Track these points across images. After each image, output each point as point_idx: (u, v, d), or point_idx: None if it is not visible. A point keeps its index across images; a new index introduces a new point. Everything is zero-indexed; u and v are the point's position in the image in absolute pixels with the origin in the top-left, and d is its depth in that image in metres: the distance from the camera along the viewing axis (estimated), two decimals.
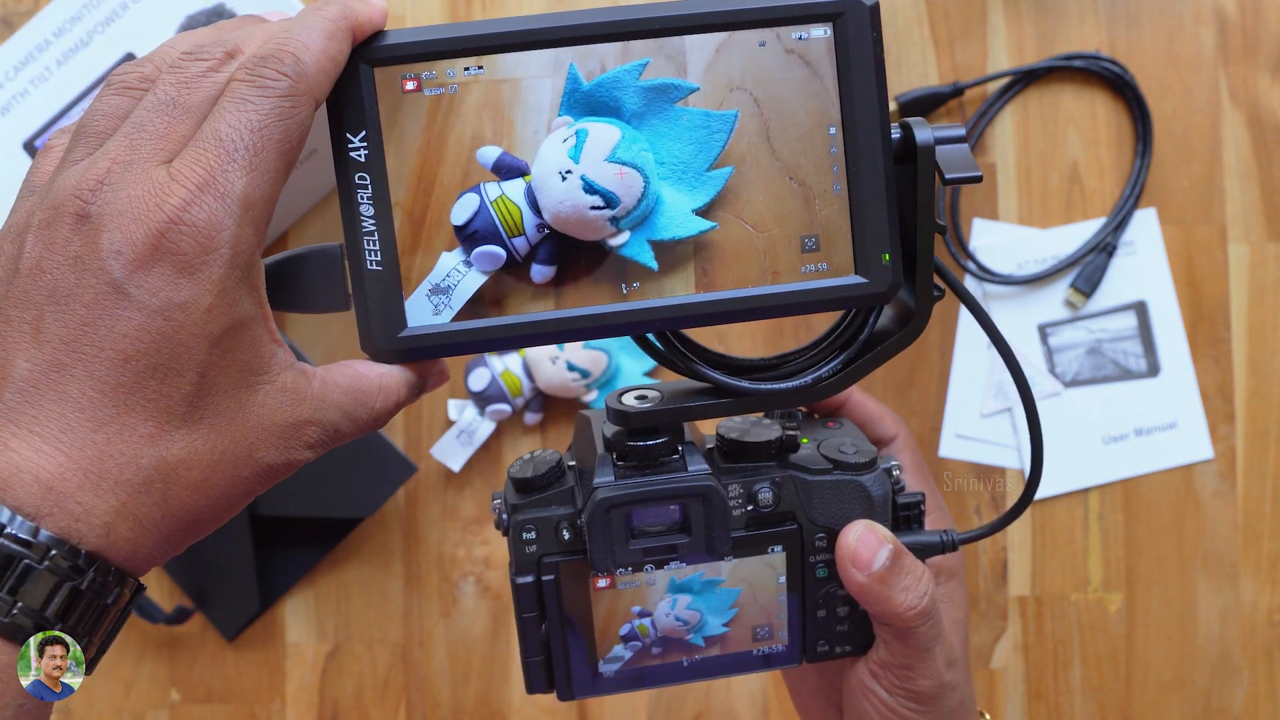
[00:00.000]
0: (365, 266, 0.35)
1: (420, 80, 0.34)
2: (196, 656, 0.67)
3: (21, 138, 0.59)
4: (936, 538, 0.42)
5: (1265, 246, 0.67)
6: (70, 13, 0.60)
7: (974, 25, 0.68)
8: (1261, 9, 0.67)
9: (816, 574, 0.42)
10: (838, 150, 0.36)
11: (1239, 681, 0.66)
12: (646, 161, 0.36)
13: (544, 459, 0.41)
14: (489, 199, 0.35)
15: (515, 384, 0.65)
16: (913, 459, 0.48)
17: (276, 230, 0.68)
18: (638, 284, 0.36)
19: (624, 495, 0.38)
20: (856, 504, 0.41)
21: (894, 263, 0.36)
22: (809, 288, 0.36)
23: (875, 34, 0.35)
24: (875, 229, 0.36)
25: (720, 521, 0.39)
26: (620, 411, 0.39)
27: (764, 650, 0.44)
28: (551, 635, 0.41)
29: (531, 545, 0.40)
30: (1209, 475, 0.66)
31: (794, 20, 0.35)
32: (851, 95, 0.35)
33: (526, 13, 0.68)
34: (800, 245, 0.36)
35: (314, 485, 0.65)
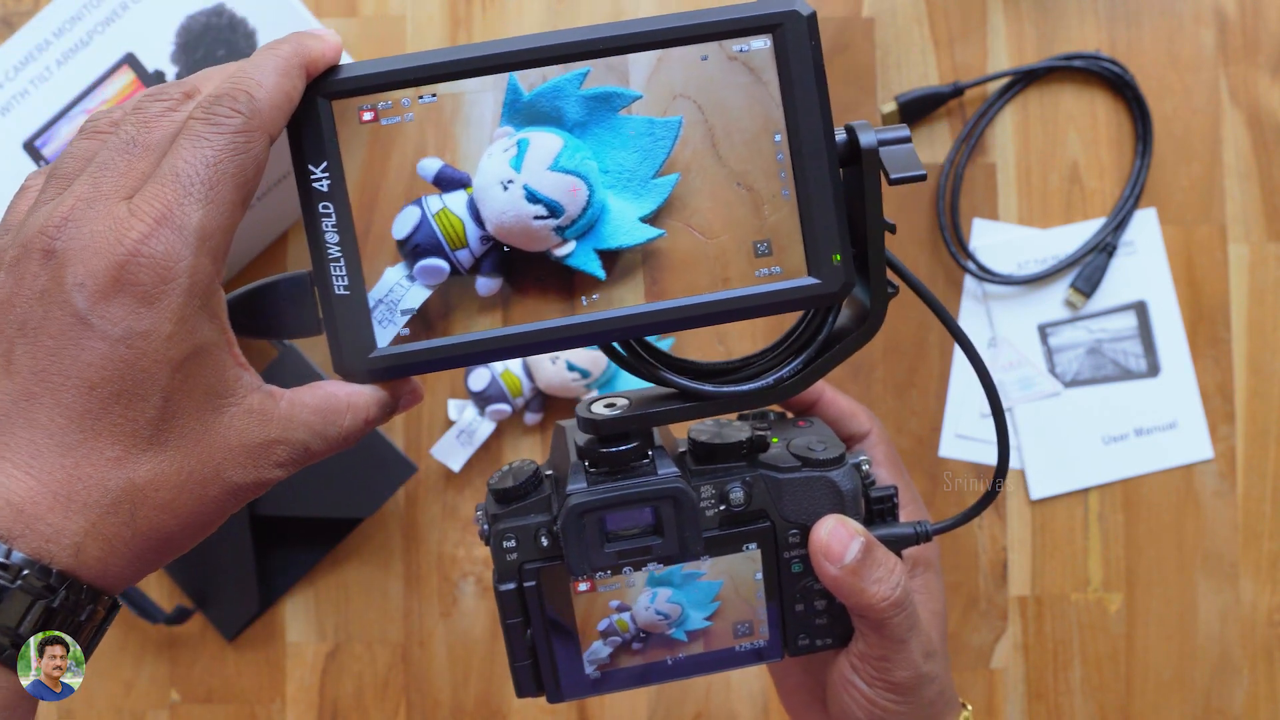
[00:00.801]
0: (333, 291, 0.36)
1: (377, 110, 0.35)
2: (196, 656, 0.67)
3: (21, 138, 0.59)
4: (910, 529, 0.43)
5: (1265, 246, 0.67)
6: (70, 13, 0.60)
7: (974, 25, 0.68)
8: (1261, 9, 0.67)
9: (792, 569, 0.43)
10: (784, 156, 0.36)
11: (1239, 681, 0.66)
12: (590, 170, 0.36)
13: (522, 469, 0.42)
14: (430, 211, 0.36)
15: (515, 384, 0.65)
16: (886, 453, 0.49)
17: (261, 244, 0.68)
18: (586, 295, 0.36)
19: (596, 500, 0.39)
20: (826, 499, 0.42)
21: (844, 263, 0.37)
22: (763, 291, 0.37)
23: (814, 42, 0.36)
24: (824, 231, 0.36)
25: (691, 522, 0.40)
26: (590, 420, 0.40)
27: (746, 646, 0.44)
28: (537, 640, 0.42)
29: (512, 553, 0.41)
30: (1209, 475, 0.66)
31: (734, 33, 0.36)
32: (794, 102, 0.36)
33: (527, 13, 0.69)
34: (753, 250, 0.37)
35: (314, 485, 0.65)
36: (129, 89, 0.59)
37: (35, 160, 0.59)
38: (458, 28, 0.69)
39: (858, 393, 0.67)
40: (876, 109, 0.68)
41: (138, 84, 0.59)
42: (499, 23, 0.69)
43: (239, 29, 0.59)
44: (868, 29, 0.68)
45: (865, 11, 0.68)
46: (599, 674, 0.43)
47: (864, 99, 0.68)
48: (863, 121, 0.37)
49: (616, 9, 0.69)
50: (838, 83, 0.68)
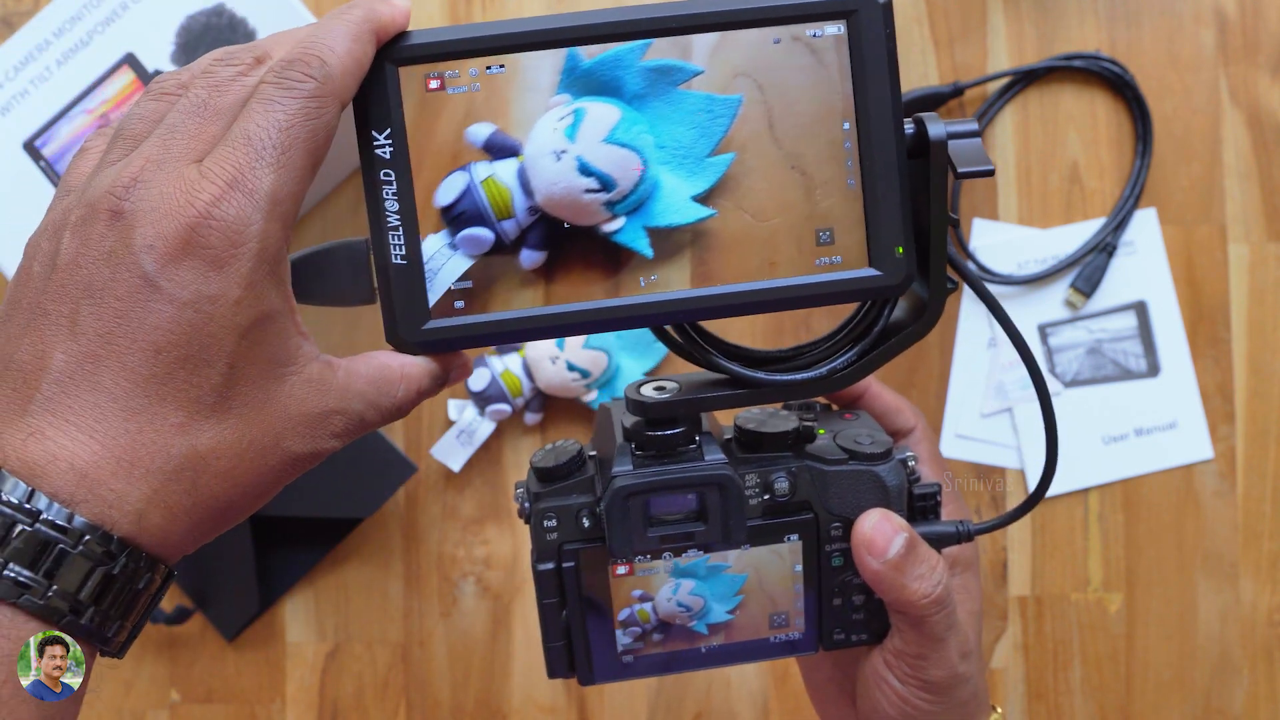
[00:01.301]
0: (390, 260, 0.35)
1: (444, 79, 0.34)
2: (196, 656, 0.67)
3: (21, 138, 0.59)
4: (952, 528, 0.43)
5: (1265, 246, 0.67)
6: (70, 13, 0.60)
7: (974, 25, 0.68)
8: (1261, 9, 0.67)
9: (832, 562, 0.43)
10: (851, 145, 0.36)
11: (1239, 681, 0.66)
12: (646, 144, 0.35)
13: (565, 449, 0.42)
14: (477, 179, 0.35)
15: (515, 384, 0.65)
16: (930, 451, 0.48)
17: None
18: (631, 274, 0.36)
19: (641, 484, 0.39)
20: (871, 494, 0.42)
21: (908, 255, 0.36)
22: (823, 280, 0.36)
23: (889, 30, 0.35)
24: (889, 222, 0.36)
25: (736, 510, 0.40)
26: (639, 402, 0.40)
27: (781, 638, 0.44)
28: (572, 621, 0.42)
29: (552, 533, 0.41)
30: (1209, 475, 0.66)
31: (808, 18, 0.35)
32: (865, 91, 0.35)
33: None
34: (815, 238, 0.36)
35: (314, 485, 0.65)
36: (129, 89, 0.59)
37: (35, 160, 0.59)
38: None
39: None
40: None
41: (138, 84, 0.59)
42: None
43: (239, 29, 0.59)
44: None
45: None
46: (632, 658, 0.43)
47: None
48: (931, 114, 0.37)
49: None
50: None
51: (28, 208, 0.59)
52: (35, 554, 0.30)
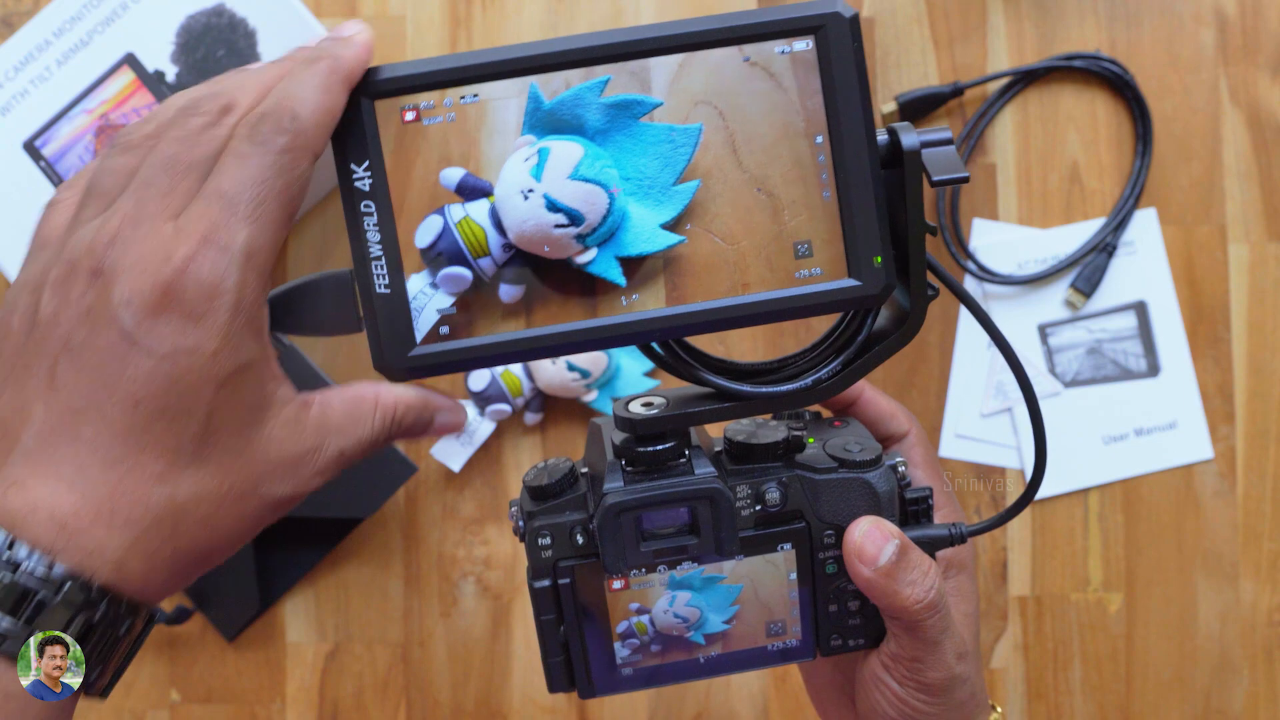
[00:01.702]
0: (374, 290, 0.36)
1: (419, 110, 0.35)
2: (196, 656, 0.67)
3: (21, 138, 0.59)
4: (945, 531, 0.43)
5: (1265, 246, 0.67)
6: (70, 13, 0.60)
7: (974, 25, 0.68)
8: (1261, 9, 0.67)
9: (826, 570, 0.43)
10: (826, 158, 0.36)
11: (1239, 681, 0.66)
12: (611, 178, 0.36)
13: (558, 467, 0.42)
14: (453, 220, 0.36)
15: (515, 384, 0.65)
16: (924, 455, 0.49)
17: None
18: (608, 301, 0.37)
19: (633, 500, 0.39)
20: (862, 500, 0.42)
21: (885, 264, 0.37)
22: (804, 292, 0.37)
23: (856, 44, 0.36)
24: (865, 232, 0.36)
25: (728, 522, 0.40)
26: (627, 419, 0.40)
27: (779, 645, 0.44)
28: (569, 636, 0.43)
29: (547, 550, 0.41)
30: (1209, 475, 0.66)
31: (776, 35, 0.35)
32: (837, 104, 0.36)
33: (527, 15, 0.69)
34: (794, 251, 0.37)
35: None
36: (129, 89, 0.59)
37: (35, 160, 0.59)
38: (458, 27, 0.69)
39: None
40: (877, 109, 0.68)
41: (137, 84, 0.59)
42: (499, 23, 0.69)
43: (239, 29, 0.59)
44: (868, 29, 0.68)
45: (865, 11, 0.68)
46: (631, 671, 0.44)
47: None
48: (905, 124, 0.37)
49: (615, 8, 0.69)
50: None
51: (28, 208, 0.59)
52: (16, 602, 0.31)
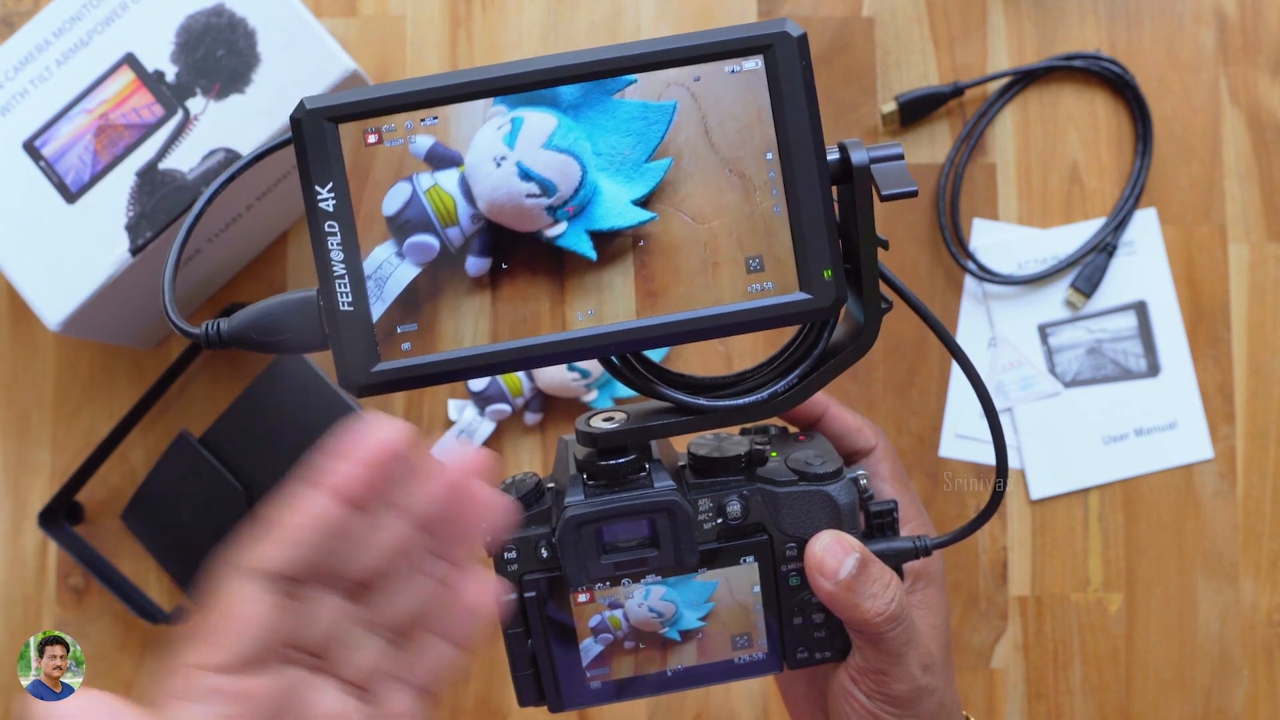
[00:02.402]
0: (338, 308, 0.36)
1: (381, 133, 0.36)
2: None
3: (21, 138, 0.59)
4: (909, 543, 0.44)
5: (1265, 246, 0.67)
6: (70, 13, 0.60)
7: (974, 25, 0.68)
8: (1261, 9, 0.67)
9: (790, 582, 0.43)
10: (775, 174, 0.37)
11: (1239, 681, 0.66)
12: (584, 150, 0.36)
13: (524, 481, 0.43)
14: (421, 188, 0.36)
15: (515, 384, 0.65)
16: (891, 469, 0.49)
17: (275, 232, 0.68)
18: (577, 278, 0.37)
19: (591, 513, 0.40)
20: (823, 513, 0.42)
21: (836, 278, 0.37)
22: (755, 306, 0.37)
23: (805, 62, 0.36)
24: (815, 247, 0.37)
25: (686, 534, 0.41)
26: (588, 434, 0.41)
27: (745, 658, 0.45)
28: (537, 649, 0.43)
29: (513, 564, 0.42)
30: (1209, 475, 0.66)
31: (725, 55, 0.36)
32: (785, 122, 0.36)
33: (527, 14, 0.69)
34: (745, 265, 0.37)
35: None
36: (129, 89, 0.59)
37: (35, 160, 0.59)
38: (458, 27, 0.69)
39: (858, 393, 0.67)
40: (876, 109, 0.68)
41: (137, 84, 0.59)
42: (499, 23, 0.69)
43: (239, 29, 0.59)
44: (868, 29, 0.68)
45: (865, 11, 0.68)
46: (600, 684, 0.44)
47: (864, 99, 0.68)
48: (855, 140, 0.38)
49: (615, 8, 0.69)
50: (838, 83, 0.68)
51: (28, 207, 0.59)
52: None
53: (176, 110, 0.59)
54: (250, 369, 0.68)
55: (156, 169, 0.59)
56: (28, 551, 0.68)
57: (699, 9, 0.69)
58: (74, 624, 0.67)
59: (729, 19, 0.68)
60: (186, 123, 0.59)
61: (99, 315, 0.60)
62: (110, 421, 0.68)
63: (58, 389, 0.69)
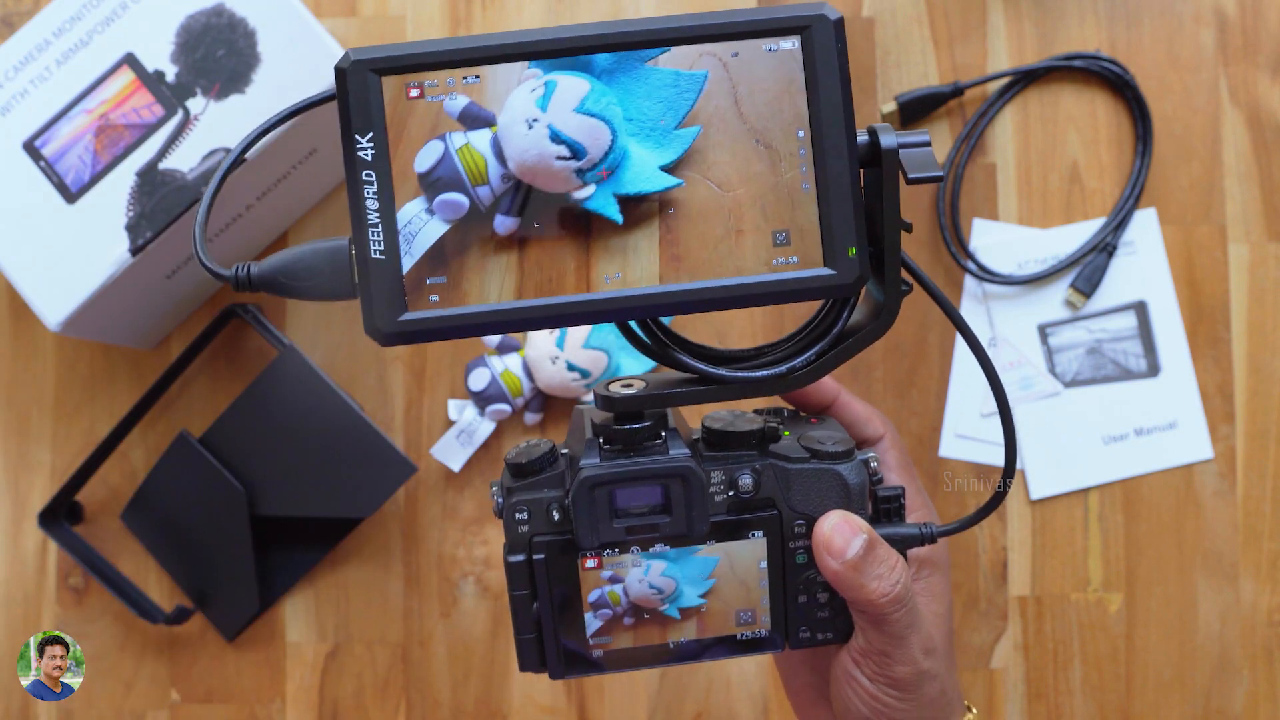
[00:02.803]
0: (369, 255, 0.37)
1: (424, 88, 0.36)
2: (196, 656, 0.67)
3: (21, 138, 0.59)
4: (915, 529, 0.44)
5: (1265, 246, 0.67)
6: (70, 13, 0.60)
7: (974, 25, 0.68)
8: (1261, 9, 0.67)
9: (796, 559, 0.44)
10: (806, 151, 0.37)
11: (1239, 681, 0.66)
12: (615, 115, 0.37)
13: (538, 445, 0.43)
14: (454, 146, 0.36)
15: (515, 384, 0.65)
16: (899, 458, 0.49)
17: (277, 230, 0.68)
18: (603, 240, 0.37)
19: (606, 474, 0.40)
20: (833, 492, 0.43)
21: (860, 256, 0.38)
22: (779, 278, 0.38)
23: (840, 45, 0.37)
24: (841, 224, 0.38)
25: (699, 502, 0.41)
26: (607, 398, 0.41)
27: (747, 635, 0.45)
28: (543, 614, 0.43)
29: (524, 525, 0.42)
30: (1209, 475, 0.66)
31: (763, 33, 0.37)
32: (819, 101, 0.37)
33: (527, 14, 0.69)
34: (772, 239, 0.38)
35: (314, 485, 0.65)
36: (129, 89, 0.59)
37: (35, 160, 0.59)
38: (458, 27, 0.69)
39: (858, 392, 0.67)
40: (876, 109, 0.68)
41: (137, 84, 0.59)
42: (499, 23, 0.69)
43: (239, 29, 0.59)
44: (868, 29, 0.68)
45: (865, 11, 0.68)
46: (601, 653, 0.44)
47: (864, 99, 0.68)
48: (884, 125, 0.39)
49: (615, 8, 0.69)
50: None
51: (28, 207, 0.59)
52: None
53: (176, 110, 0.59)
54: (250, 369, 0.68)
55: (156, 169, 0.59)
56: (28, 551, 0.68)
57: (698, 8, 0.69)
58: (74, 624, 0.67)
59: None
60: (186, 123, 0.59)
61: (99, 315, 0.60)
62: (110, 421, 0.68)
63: (58, 389, 0.69)
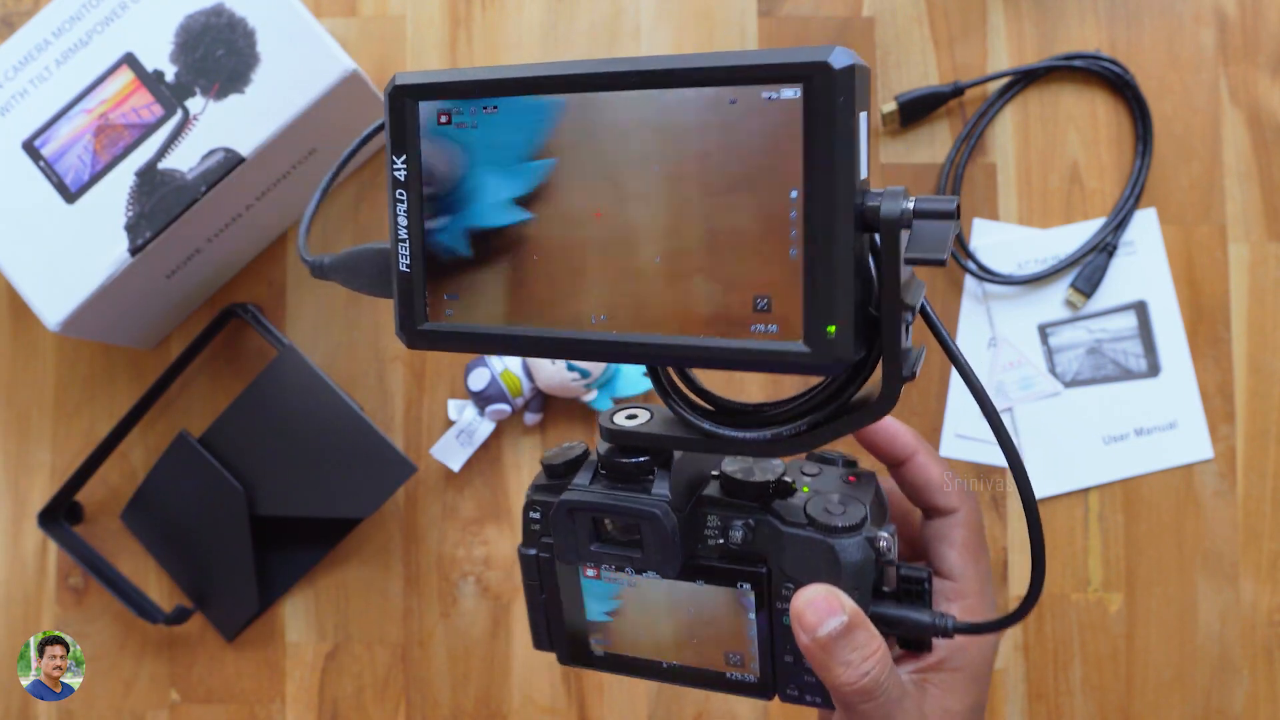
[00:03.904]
0: (398, 267, 0.39)
1: (450, 115, 0.38)
2: (196, 656, 0.67)
3: (21, 138, 0.59)
4: (928, 618, 0.41)
5: (1265, 246, 0.67)
6: (70, 13, 0.60)
7: (974, 25, 0.68)
8: (1261, 9, 0.67)
9: (784, 620, 0.42)
10: (797, 215, 0.34)
11: (1239, 681, 0.66)
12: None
13: (571, 449, 0.45)
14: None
15: (515, 384, 0.65)
16: (965, 538, 0.45)
17: (277, 230, 0.68)
18: None
19: (583, 501, 0.41)
20: (823, 565, 0.41)
21: (841, 335, 0.34)
22: (753, 347, 0.35)
23: (847, 98, 0.32)
24: (824, 299, 0.33)
25: (668, 546, 0.41)
26: (607, 429, 0.42)
27: (737, 676, 0.44)
28: (548, 605, 0.46)
29: (535, 524, 0.44)
30: (1209, 475, 0.66)
31: (766, 80, 0.33)
32: (816, 159, 0.33)
33: (526, 14, 0.69)
34: (753, 304, 0.35)
35: (314, 485, 0.65)
36: (128, 89, 0.59)
37: (34, 160, 0.59)
38: (457, 27, 0.69)
39: None
40: (877, 109, 0.68)
41: (137, 84, 0.59)
42: (499, 23, 0.69)
43: (238, 28, 0.59)
44: (868, 29, 0.68)
45: (865, 11, 0.68)
46: (603, 654, 0.46)
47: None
48: (898, 189, 0.34)
49: (615, 8, 0.69)
50: None
51: (27, 207, 0.59)
52: None
53: (176, 110, 0.59)
54: (250, 369, 0.68)
55: (156, 169, 0.59)
56: (28, 551, 0.68)
57: (699, 9, 0.69)
58: (74, 624, 0.67)
59: (728, 19, 0.68)
60: (186, 122, 0.59)
61: (99, 315, 0.60)
62: (110, 421, 0.68)
63: (58, 389, 0.69)
